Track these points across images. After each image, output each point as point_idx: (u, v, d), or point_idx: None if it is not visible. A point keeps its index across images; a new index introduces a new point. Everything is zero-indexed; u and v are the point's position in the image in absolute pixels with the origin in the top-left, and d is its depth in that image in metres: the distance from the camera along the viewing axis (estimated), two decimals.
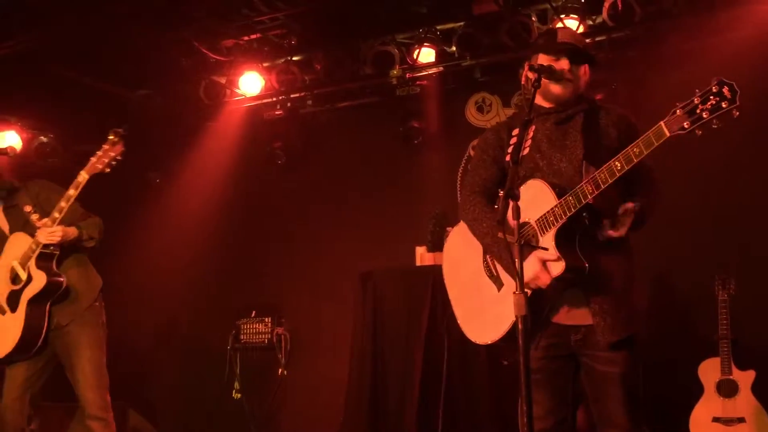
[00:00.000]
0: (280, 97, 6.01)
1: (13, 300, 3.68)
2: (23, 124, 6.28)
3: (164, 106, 6.23)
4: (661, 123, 2.29)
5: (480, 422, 4.24)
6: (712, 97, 2.21)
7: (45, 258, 3.67)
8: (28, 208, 3.71)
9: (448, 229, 4.94)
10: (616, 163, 2.37)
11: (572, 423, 2.61)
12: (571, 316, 2.54)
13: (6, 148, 3.82)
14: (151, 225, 6.30)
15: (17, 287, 3.68)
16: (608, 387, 2.50)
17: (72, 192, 3.61)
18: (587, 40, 5.04)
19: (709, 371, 4.26)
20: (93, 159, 3.65)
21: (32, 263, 3.65)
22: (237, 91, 6.02)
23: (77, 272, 3.80)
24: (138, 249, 6.23)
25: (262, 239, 6.29)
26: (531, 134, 2.63)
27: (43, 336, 3.66)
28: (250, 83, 5.91)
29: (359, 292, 4.82)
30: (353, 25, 5.55)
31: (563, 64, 2.61)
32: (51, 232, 3.59)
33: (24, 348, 3.65)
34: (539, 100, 2.67)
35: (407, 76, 5.62)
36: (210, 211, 6.29)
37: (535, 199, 2.50)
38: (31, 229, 3.71)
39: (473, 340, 2.71)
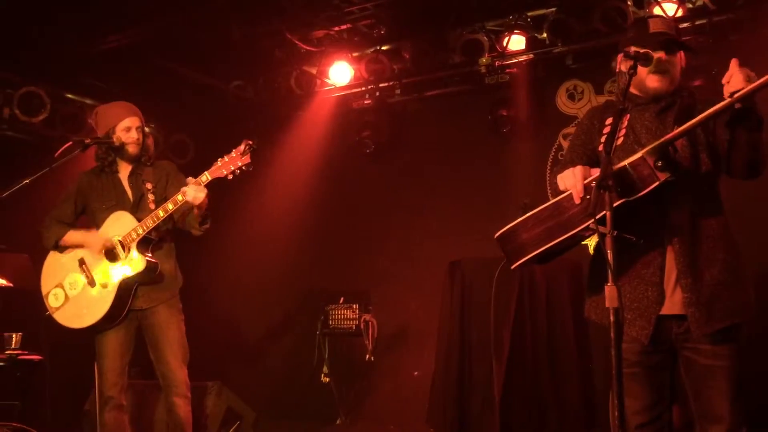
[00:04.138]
0: (369, 87, 6.08)
1: (105, 276, 3.79)
2: None
3: (257, 97, 6.42)
4: None
5: (567, 413, 4.19)
6: None
7: (145, 243, 3.77)
8: (149, 185, 3.85)
9: None
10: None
11: (670, 419, 2.54)
12: (672, 306, 2.48)
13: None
14: (246, 211, 6.50)
15: (113, 264, 3.78)
16: (712, 381, 2.42)
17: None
18: (685, 24, 4.89)
19: None
20: (218, 163, 3.58)
21: (133, 245, 3.74)
22: (327, 81, 6.13)
23: (169, 264, 3.91)
24: (234, 235, 6.41)
25: (351, 227, 6.38)
26: (625, 123, 2.57)
27: (125, 313, 3.77)
28: (340, 73, 6.01)
29: (447, 280, 4.82)
30: (442, 13, 5.53)
31: (659, 55, 2.54)
32: (199, 190, 3.55)
33: (108, 320, 3.77)
34: (635, 91, 2.62)
35: (496, 64, 5.57)
36: (300, 198, 6.44)
37: None
38: (142, 207, 3.83)
39: None
